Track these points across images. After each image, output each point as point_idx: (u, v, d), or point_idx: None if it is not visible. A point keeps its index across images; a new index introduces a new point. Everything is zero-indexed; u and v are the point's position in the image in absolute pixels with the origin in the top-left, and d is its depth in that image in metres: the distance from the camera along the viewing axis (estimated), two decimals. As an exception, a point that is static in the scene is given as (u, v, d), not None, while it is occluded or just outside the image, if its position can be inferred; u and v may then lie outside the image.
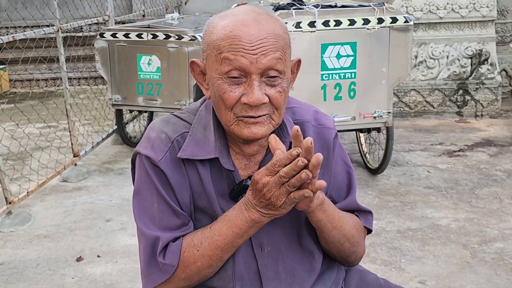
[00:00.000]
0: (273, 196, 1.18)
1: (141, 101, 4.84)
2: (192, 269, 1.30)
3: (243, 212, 1.25)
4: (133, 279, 2.98)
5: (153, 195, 1.32)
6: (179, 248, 1.30)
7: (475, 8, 5.84)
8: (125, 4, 8.36)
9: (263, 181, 1.18)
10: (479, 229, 3.43)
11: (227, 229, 1.27)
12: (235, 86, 1.24)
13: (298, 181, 1.15)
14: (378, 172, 4.31)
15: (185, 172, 1.33)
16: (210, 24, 1.29)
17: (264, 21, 1.24)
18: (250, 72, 1.22)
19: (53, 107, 5.64)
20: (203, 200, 1.34)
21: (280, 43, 1.24)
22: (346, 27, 3.81)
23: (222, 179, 1.34)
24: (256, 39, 1.21)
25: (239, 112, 1.25)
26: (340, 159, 1.47)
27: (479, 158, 4.71)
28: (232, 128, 1.28)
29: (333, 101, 3.88)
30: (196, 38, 4.51)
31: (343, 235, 1.39)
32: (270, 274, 1.36)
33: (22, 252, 3.32)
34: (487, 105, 5.94)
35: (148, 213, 1.34)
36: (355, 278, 1.51)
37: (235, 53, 1.21)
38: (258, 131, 1.27)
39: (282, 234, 1.37)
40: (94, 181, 4.48)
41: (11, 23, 7.06)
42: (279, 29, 1.25)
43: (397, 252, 3.18)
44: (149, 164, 1.32)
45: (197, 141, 1.33)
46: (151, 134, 1.35)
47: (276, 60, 1.23)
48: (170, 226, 1.32)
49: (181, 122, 1.37)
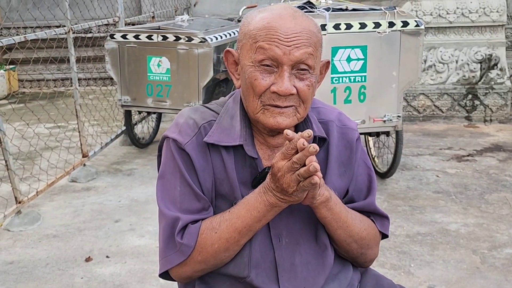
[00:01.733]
0: (285, 182, 1.22)
1: (150, 102, 4.85)
2: (208, 251, 1.32)
3: (261, 195, 1.28)
4: (142, 280, 2.98)
5: (177, 178, 1.35)
6: (197, 230, 1.33)
7: (485, 13, 5.83)
8: (134, 5, 8.40)
9: (278, 165, 1.22)
10: (489, 234, 3.42)
11: (246, 212, 1.30)
12: (267, 74, 1.29)
13: (307, 173, 1.18)
14: (387, 176, 4.30)
15: (210, 158, 1.36)
16: (248, 16, 1.35)
17: (300, 17, 1.30)
18: (282, 63, 1.27)
19: (63, 108, 5.66)
20: (225, 187, 1.36)
21: (313, 39, 1.29)
22: (357, 30, 3.81)
23: (245, 167, 1.37)
24: (291, 32, 1.26)
25: (267, 101, 1.29)
26: (362, 161, 1.49)
27: (488, 163, 4.70)
28: (258, 116, 1.32)
29: (343, 104, 3.88)
30: (206, 40, 4.52)
31: (350, 236, 1.41)
32: (287, 265, 1.37)
33: (31, 252, 3.33)
34: (496, 110, 5.92)
35: (170, 195, 1.36)
36: (371, 282, 1.51)
37: (270, 43, 1.26)
38: (283, 122, 1.30)
39: (301, 227, 1.39)
40: (102, 182, 4.49)
41: (22, 24, 7.09)
42: (314, 27, 1.31)
43: (406, 257, 3.17)
44: (175, 147, 1.36)
45: (223, 128, 1.37)
46: (180, 120, 1.40)
47: (307, 55, 1.27)
48: (191, 209, 1.35)
49: (209, 111, 1.42)
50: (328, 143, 1.43)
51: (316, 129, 1.40)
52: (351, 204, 1.46)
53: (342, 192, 1.45)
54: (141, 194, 4.18)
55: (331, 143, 1.43)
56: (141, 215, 3.79)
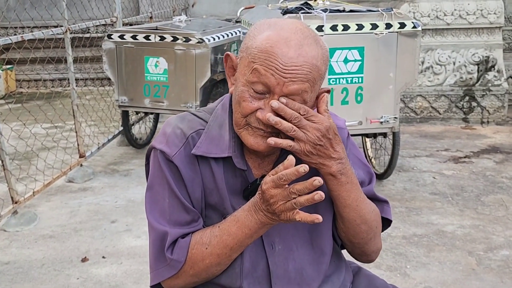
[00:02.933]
0: (278, 209, 1.19)
1: (147, 102, 4.85)
2: (200, 266, 1.31)
3: (252, 214, 1.26)
4: (138, 280, 2.98)
5: (165, 189, 1.33)
6: (187, 245, 1.31)
7: (483, 15, 5.84)
8: (132, 6, 8.39)
9: (270, 193, 1.19)
10: (485, 236, 3.42)
11: (237, 230, 1.28)
12: (256, 99, 1.25)
13: (309, 202, 1.16)
14: (384, 178, 4.31)
15: (198, 168, 1.34)
16: (257, 28, 1.29)
17: (307, 46, 1.22)
18: (273, 92, 1.23)
19: (60, 108, 5.65)
20: (215, 197, 1.35)
21: (313, 74, 1.23)
22: (354, 31, 3.81)
23: (235, 177, 1.35)
24: (291, 63, 1.20)
25: (252, 122, 1.26)
26: (356, 158, 1.46)
27: (485, 165, 4.70)
28: (240, 131, 1.29)
29: (340, 105, 3.88)
30: (203, 40, 4.52)
31: (359, 216, 1.36)
32: (280, 272, 1.36)
33: (27, 252, 3.32)
34: (493, 112, 5.93)
35: (159, 207, 1.34)
36: (363, 282, 1.51)
37: (266, 69, 1.21)
38: (263, 144, 1.27)
39: (294, 233, 1.38)
40: (99, 182, 4.49)
41: (19, 23, 7.08)
42: (319, 60, 1.24)
43: (402, 258, 3.17)
44: (163, 158, 1.33)
45: (212, 138, 1.34)
46: (167, 130, 1.36)
47: (301, 91, 1.22)
48: (180, 222, 1.33)
49: (197, 119, 1.38)
50: None
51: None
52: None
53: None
54: (138, 194, 4.17)
55: None
56: (138, 216, 3.79)
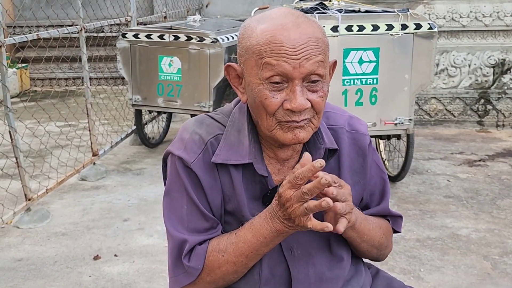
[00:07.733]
0: (293, 212, 1.17)
1: (161, 102, 4.85)
2: (217, 274, 1.30)
3: (268, 222, 1.24)
4: (150, 279, 2.98)
5: (183, 196, 1.31)
6: (205, 252, 1.30)
7: (499, 17, 5.77)
8: (146, 5, 8.42)
9: (286, 195, 1.17)
10: (500, 240, 3.38)
11: (252, 237, 1.26)
12: (277, 92, 1.22)
13: (317, 208, 1.13)
14: (397, 180, 4.27)
15: (217, 175, 1.31)
16: (247, 28, 1.26)
17: (303, 24, 1.22)
18: (292, 78, 1.20)
19: (73, 106, 5.67)
20: (233, 203, 1.32)
21: (321, 46, 1.22)
22: (369, 32, 3.78)
23: (255, 184, 1.33)
24: (298, 44, 1.19)
25: (282, 118, 1.23)
26: (374, 164, 1.45)
27: (500, 168, 4.65)
28: (274, 132, 1.26)
29: (354, 106, 3.85)
30: (217, 40, 4.51)
31: (372, 245, 1.42)
32: (301, 276, 1.35)
33: (40, 249, 3.34)
34: (508, 115, 5.86)
35: (177, 215, 1.33)
36: (382, 284, 1.50)
37: (277, 59, 1.19)
38: (301, 134, 1.25)
39: (312, 240, 1.36)
40: (112, 181, 4.50)
41: (35, 22, 7.13)
42: (319, 32, 1.23)
43: (416, 261, 3.14)
44: (181, 165, 1.31)
45: (231, 145, 1.31)
46: (185, 135, 1.33)
47: (318, 64, 1.21)
48: (198, 229, 1.31)
49: (215, 123, 1.36)
50: (339, 153, 1.38)
51: (327, 139, 1.35)
52: (366, 211, 1.44)
53: (356, 202, 1.41)
54: (150, 193, 4.17)
55: (342, 152, 1.38)
56: (150, 215, 3.79)
